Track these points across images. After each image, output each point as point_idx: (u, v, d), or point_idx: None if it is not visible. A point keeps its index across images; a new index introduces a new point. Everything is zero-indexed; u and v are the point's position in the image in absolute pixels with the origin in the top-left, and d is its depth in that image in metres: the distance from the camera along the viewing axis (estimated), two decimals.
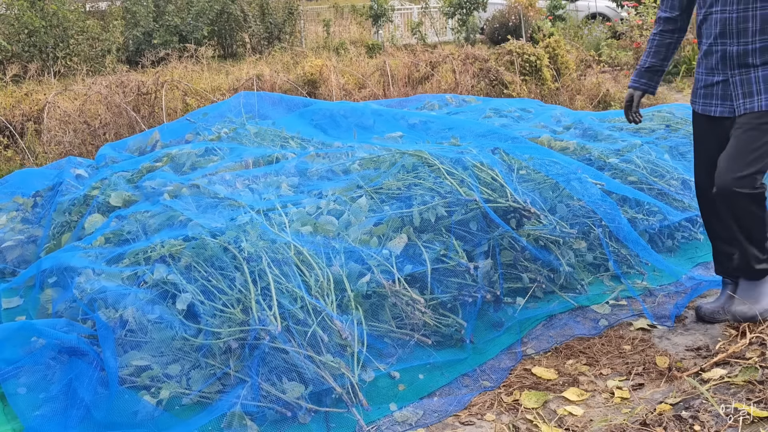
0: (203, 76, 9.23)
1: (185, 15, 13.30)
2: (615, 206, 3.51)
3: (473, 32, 15.16)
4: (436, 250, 3.10)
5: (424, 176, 3.41)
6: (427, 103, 5.75)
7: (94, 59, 11.62)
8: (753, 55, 2.81)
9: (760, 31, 2.78)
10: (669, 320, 3.12)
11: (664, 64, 3.19)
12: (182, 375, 2.62)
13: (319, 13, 16.86)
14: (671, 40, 3.15)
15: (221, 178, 3.60)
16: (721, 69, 2.90)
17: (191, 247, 2.90)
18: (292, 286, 2.71)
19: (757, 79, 2.83)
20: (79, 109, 6.59)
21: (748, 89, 2.85)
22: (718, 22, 2.85)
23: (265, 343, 2.54)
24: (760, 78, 2.83)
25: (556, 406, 2.57)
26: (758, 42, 2.79)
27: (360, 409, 2.49)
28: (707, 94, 2.98)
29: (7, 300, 3.30)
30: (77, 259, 3.03)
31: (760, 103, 2.83)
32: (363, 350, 2.66)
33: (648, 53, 3.19)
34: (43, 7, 11.68)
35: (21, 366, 2.66)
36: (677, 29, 3.14)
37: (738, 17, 2.81)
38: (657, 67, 3.18)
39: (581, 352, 2.94)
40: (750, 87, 2.85)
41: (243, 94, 5.16)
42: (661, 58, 3.16)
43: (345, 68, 8.78)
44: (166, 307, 2.73)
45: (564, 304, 3.27)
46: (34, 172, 4.59)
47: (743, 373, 2.65)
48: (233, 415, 2.43)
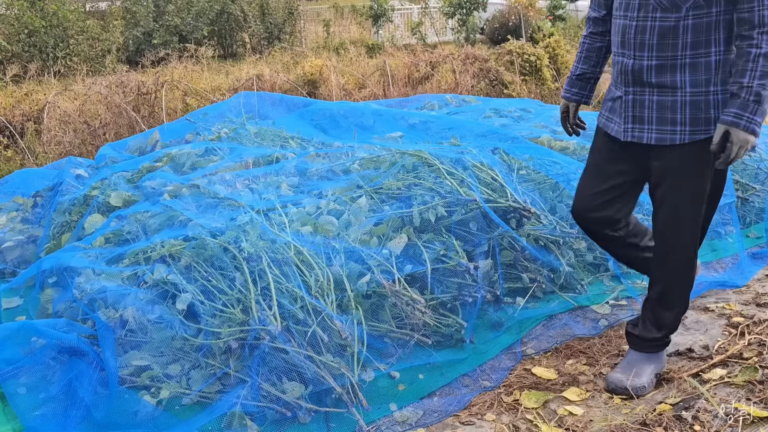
0: (203, 76, 9.23)
1: (185, 15, 13.30)
2: None
3: (473, 32, 15.17)
4: (436, 250, 3.10)
5: (424, 176, 3.41)
6: (427, 103, 5.75)
7: (94, 59, 11.62)
8: (648, 73, 2.35)
9: (658, 46, 2.31)
10: None
11: (596, 71, 2.75)
12: (182, 375, 2.62)
13: (319, 13, 16.86)
14: (602, 43, 2.71)
15: (221, 178, 3.60)
16: (619, 83, 2.47)
17: (191, 247, 2.90)
18: (292, 286, 2.71)
19: (650, 103, 2.38)
20: (79, 109, 6.59)
21: (639, 113, 2.41)
22: (618, 30, 2.43)
23: (265, 343, 2.54)
24: (654, 103, 2.37)
25: (556, 406, 2.57)
26: (654, 59, 2.33)
27: (360, 409, 2.49)
28: (611, 108, 2.55)
29: (7, 300, 3.30)
30: (77, 259, 3.03)
31: (650, 135, 2.39)
32: (363, 350, 2.66)
33: (578, 59, 2.77)
34: (43, 7, 11.68)
35: (21, 366, 2.66)
36: (607, 31, 2.68)
37: (636, 26, 2.35)
38: (588, 75, 2.74)
39: (581, 352, 2.94)
40: (642, 111, 2.40)
41: (243, 94, 5.16)
42: (592, 65, 2.73)
43: (345, 68, 8.78)
44: (166, 307, 2.73)
45: (564, 304, 3.27)
46: (34, 172, 4.59)
47: (743, 373, 2.65)
48: (233, 415, 2.43)
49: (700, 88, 2.31)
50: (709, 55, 2.29)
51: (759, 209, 4.22)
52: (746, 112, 2.20)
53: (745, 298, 3.34)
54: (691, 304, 3.30)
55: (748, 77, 2.19)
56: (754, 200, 4.26)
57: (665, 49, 2.30)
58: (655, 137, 2.38)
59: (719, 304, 3.28)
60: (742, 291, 3.43)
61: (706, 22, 2.26)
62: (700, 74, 2.30)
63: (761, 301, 3.30)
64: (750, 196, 4.27)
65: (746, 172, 4.36)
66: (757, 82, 2.18)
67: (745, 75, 2.20)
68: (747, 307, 3.25)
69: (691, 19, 2.25)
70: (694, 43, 2.27)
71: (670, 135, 2.36)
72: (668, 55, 2.31)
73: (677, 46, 2.29)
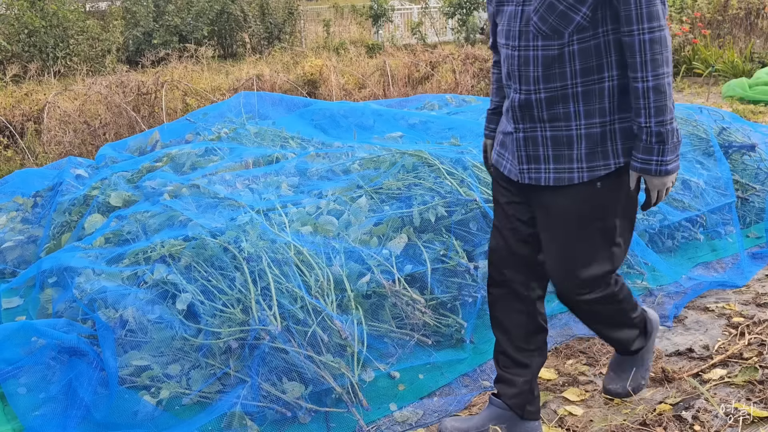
0: (203, 76, 9.23)
1: (185, 15, 13.31)
2: None
3: (473, 32, 15.16)
4: (436, 250, 3.10)
5: (424, 176, 3.41)
6: (427, 103, 5.76)
7: (94, 59, 11.63)
8: (538, 107, 2.06)
9: (544, 77, 2.03)
10: (668, 320, 3.12)
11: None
12: (182, 375, 2.62)
13: (319, 13, 16.86)
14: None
15: (221, 178, 3.60)
16: (509, 118, 2.16)
17: (191, 247, 2.90)
18: (292, 286, 2.71)
19: (544, 140, 2.09)
20: (79, 109, 6.60)
21: (533, 152, 2.11)
22: (505, 59, 2.13)
23: (265, 343, 2.54)
24: (548, 139, 2.08)
25: (556, 406, 2.57)
26: (543, 91, 2.04)
27: (360, 409, 2.49)
28: (502, 142, 2.23)
29: (7, 300, 3.30)
30: (77, 259, 3.03)
31: (548, 175, 2.08)
32: (363, 350, 2.66)
33: (491, 91, 2.43)
34: (43, 7, 11.69)
35: (21, 366, 2.66)
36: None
37: (519, 57, 2.06)
38: (502, 108, 2.34)
39: (581, 352, 2.94)
40: (536, 150, 2.10)
41: (243, 94, 5.16)
42: (503, 96, 2.32)
43: (345, 68, 8.78)
44: (166, 307, 2.73)
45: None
46: (34, 172, 4.59)
47: (743, 373, 2.65)
48: (233, 415, 2.43)
49: (594, 119, 2.03)
50: (603, 80, 2.01)
51: (759, 209, 4.22)
52: (653, 156, 1.97)
53: (745, 298, 3.34)
54: (691, 304, 3.31)
55: (643, 116, 1.95)
56: (754, 200, 4.26)
57: (553, 79, 2.03)
58: (553, 177, 2.08)
59: (719, 304, 3.28)
60: (742, 291, 3.43)
61: (594, 45, 1.99)
62: (594, 103, 2.02)
63: (761, 301, 3.30)
64: (750, 196, 4.27)
65: (746, 172, 4.36)
66: (654, 120, 1.93)
67: (640, 114, 1.95)
68: (747, 307, 3.25)
69: (576, 44, 1.99)
70: (583, 69, 2.00)
71: (567, 174, 2.06)
72: (557, 86, 2.03)
73: (565, 75, 2.02)
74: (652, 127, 1.94)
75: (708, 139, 4.34)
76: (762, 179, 4.36)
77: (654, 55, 1.91)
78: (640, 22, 1.91)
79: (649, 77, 1.92)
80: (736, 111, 6.97)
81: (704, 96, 8.37)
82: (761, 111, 7.33)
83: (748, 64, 9.27)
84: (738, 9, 10.42)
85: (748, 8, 10.50)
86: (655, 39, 1.90)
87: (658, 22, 1.91)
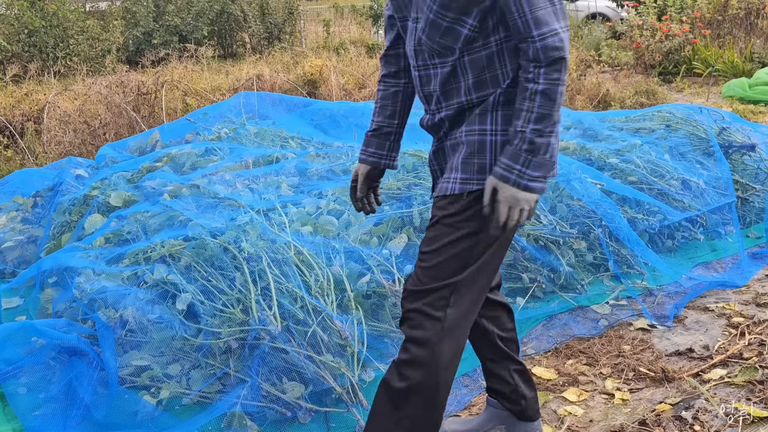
0: (203, 76, 9.22)
1: (185, 15, 13.30)
2: (615, 206, 3.51)
3: None
4: None
5: (424, 176, 3.41)
6: None
7: (94, 59, 11.62)
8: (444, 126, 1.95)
9: (443, 95, 1.91)
10: (668, 320, 3.12)
11: (394, 123, 2.12)
12: (182, 375, 2.62)
13: (319, 13, 16.86)
14: (397, 88, 2.12)
15: (221, 178, 3.60)
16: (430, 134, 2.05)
17: (191, 247, 2.90)
18: (292, 286, 2.71)
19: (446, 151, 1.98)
20: (79, 109, 6.59)
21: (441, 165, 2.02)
22: (414, 79, 2.01)
23: (265, 343, 2.54)
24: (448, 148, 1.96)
25: (556, 406, 2.57)
26: (444, 110, 1.92)
27: (360, 408, 2.49)
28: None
29: (7, 300, 3.30)
30: (77, 259, 3.03)
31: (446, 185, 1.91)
32: (363, 350, 2.66)
33: (374, 110, 2.16)
34: (43, 7, 11.68)
35: (21, 366, 2.66)
36: (402, 71, 2.12)
37: (420, 77, 1.95)
38: (386, 129, 2.12)
39: (581, 352, 2.94)
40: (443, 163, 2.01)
41: (243, 94, 5.16)
42: (388, 115, 2.11)
43: (345, 68, 8.78)
44: (166, 307, 2.73)
45: (564, 304, 3.27)
46: (34, 172, 4.59)
47: (743, 373, 2.65)
48: (233, 415, 2.43)
49: (474, 126, 1.88)
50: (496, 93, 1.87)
51: (759, 209, 4.22)
52: (517, 164, 1.77)
53: (745, 298, 3.34)
54: (691, 304, 3.31)
55: (522, 119, 1.76)
56: (754, 200, 4.26)
57: (450, 96, 1.90)
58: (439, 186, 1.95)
59: (719, 304, 3.28)
60: (742, 291, 3.43)
61: (485, 55, 1.84)
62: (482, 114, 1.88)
63: (761, 301, 3.30)
64: (750, 196, 4.27)
65: (746, 172, 4.37)
66: (531, 126, 1.75)
67: (520, 116, 1.77)
68: (747, 307, 3.25)
69: (467, 56, 1.85)
70: (477, 83, 1.87)
71: (444, 183, 1.91)
72: (454, 103, 1.90)
73: (460, 91, 1.88)
74: (527, 132, 1.76)
75: (708, 139, 4.34)
76: (762, 179, 4.36)
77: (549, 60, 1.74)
78: (528, 30, 1.75)
79: (540, 80, 1.74)
80: (736, 111, 6.97)
81: (704, 96, 8.37)
82: (761, 111, 7.33)
83: (748, 64, 9.27)
84: (738, 9, 10.41)
85: (748, 8, 10.49)
86: (548, 45, 1.73)
87: (548, 27, 1.73)
